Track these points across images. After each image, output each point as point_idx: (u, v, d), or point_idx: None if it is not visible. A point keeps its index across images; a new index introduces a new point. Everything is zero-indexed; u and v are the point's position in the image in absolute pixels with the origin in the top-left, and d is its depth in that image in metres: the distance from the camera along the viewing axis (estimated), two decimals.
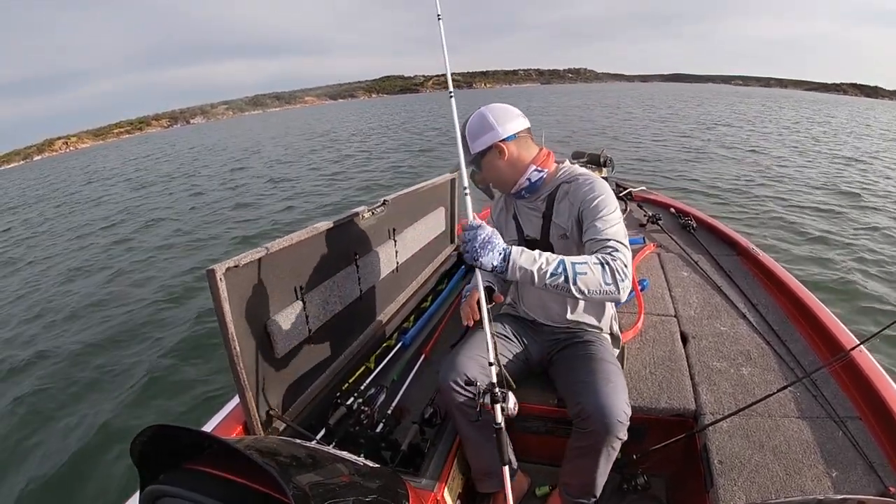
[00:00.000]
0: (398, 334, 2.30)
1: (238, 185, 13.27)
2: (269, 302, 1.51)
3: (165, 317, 5.13)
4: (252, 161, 18.80)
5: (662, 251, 3.09)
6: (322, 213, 9.03)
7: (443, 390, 1.54)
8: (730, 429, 1.60)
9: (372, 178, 12.29)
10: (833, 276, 5.15)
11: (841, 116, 30.68)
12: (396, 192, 2.25)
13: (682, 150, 14.22)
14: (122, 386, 3.90)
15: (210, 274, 1.27)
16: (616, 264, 1.34)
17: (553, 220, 1.61)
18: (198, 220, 9.67)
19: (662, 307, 2.39)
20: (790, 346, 2.04)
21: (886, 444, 1.52)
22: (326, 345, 1.83)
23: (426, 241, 2.65)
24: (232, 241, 7.83)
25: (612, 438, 1.36)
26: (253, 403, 1.45)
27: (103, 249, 8.22)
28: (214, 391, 3.67)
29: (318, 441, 1.55)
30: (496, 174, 1.61)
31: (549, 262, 1.31)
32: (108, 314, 5.38)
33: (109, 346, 4.60)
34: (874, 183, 9.92)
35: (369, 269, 2.06)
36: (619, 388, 1.42)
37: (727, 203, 8.18)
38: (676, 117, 26.28)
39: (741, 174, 10.61)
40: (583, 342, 1.67)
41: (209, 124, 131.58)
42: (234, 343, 1.35)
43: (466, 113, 1.61)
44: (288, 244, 1.54)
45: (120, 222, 10.40)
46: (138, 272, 6.74)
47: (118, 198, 14.16)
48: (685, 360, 1.96)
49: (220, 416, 1.56)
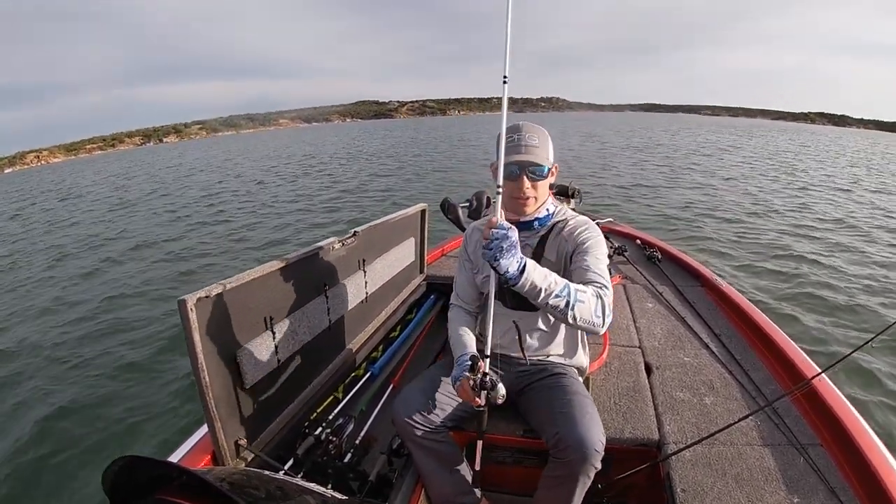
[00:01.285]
0: (367, 364, 2.30)
1: (218, 210, 12.98)
2: (239, 332, 1.52)
3: (134, 343, 5.01)
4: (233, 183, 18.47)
5: (628, 282, 3.13)
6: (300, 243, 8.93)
7: (397, 424, 1.57)
8: (693, 458, 1.62)
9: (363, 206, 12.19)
10: (795, 304, 5.27)
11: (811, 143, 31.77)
12: (367, 224, 2.27)
13: (647, 179, 14.54)
14: (91, 415, 3.81)
15: (181, 304, 1.28)
16: (607, 300, 1.42)
17: (544, 257, 1.63)
18: (178, 246, 9.46)
19: (627, 338, 2.42)
20: (752, 375, 2.07)
21: (848, 469, 1.55)
22: (295, 375, 1.83)
23: (396, 272, 2.67)
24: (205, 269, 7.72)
25: (589, 467, 1.39)
26: (221, 433, 1.45)
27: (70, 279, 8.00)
28: (183, 420, 3.61)
29: (286, 471, 1.55)
30: (544, 191, 1.60)
31: (557, 283, 1.35)
32: (73, 337, 5.25)
33: (76, 376, 4.46)
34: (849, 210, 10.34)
35: (339, 300, 2.08)
36: (595, 419, 1.45)
37: (687, 232, 8.41)
38: (651, 147, 26.89)
39: (710, 203, 10.87)
40: (553, 375, 1.69)
41: (182, 143, 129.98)
42: (204, 373, 1.35)
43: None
44: (258, 275, 1.56)
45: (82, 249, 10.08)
46: (108, 298, 6.58)
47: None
48: (649, 391, 1.99)
49: (188, 444, 1.56)
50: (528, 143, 1.51)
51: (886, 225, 9.08)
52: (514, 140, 1.51)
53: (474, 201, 2.77)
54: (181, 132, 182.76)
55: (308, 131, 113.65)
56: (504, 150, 1.48)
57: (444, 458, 1.59)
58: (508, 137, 1.51)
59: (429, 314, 2.84)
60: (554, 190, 4.33)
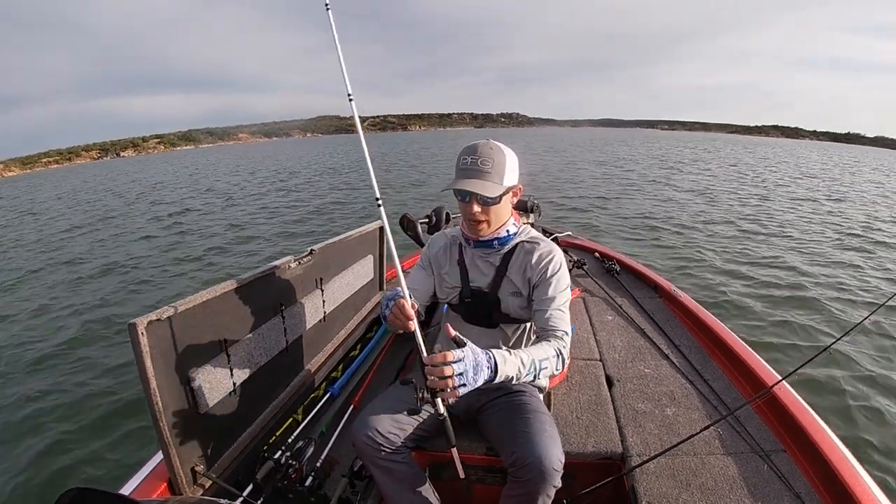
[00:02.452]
0: (326, 384, 2.27)
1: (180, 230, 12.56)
2: (193, 356, 1.49)
3: (82, 369, 4.83)
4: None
5: (588, 295, 3.17)
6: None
7: (356, 446, 1.55)
8: (656, 469, 1.64)
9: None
10: (754, 313, 5.41)
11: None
12: (324, 242, 2.26)
13: (610, 191, 14.89)
14: (38, 445, 3.65)
15: (131, 328, 1.26)
16: (564, 353, 1.49)
17: (507, 276, 1.64)
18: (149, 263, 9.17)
19: (588, 351, 2.43)
20: (713, 385, 2.11)
21: (812, 473, 1.60)
22: (252, 398, 1.80)
23: (354, 290, 2.66)
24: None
25: (549, 486, 1.40)
26: (177, 460, 1.42)
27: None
28: (136, 448, 3.49)
29: (245, 498, 1.52)
30: (498, 216, 1.58)
31: (525, 365, 1.37)
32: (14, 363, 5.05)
33: (23, 403, 4.29)
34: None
35: (296, 320, 2.05)
36: (554, 437, 1.46)
37: (648, 241, 8.64)
38: (614, 161, 27.65)
39: (672, 213, 11.23)
40: (513, 393, 1.69)
41: (139, 158, 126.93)
42: (157, 398, 1.33)
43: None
44: (211, 296, 1.53)
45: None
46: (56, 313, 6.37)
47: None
48: (611, 404, 2.01)
49: (142, 473, 1.51)
50: (481, 167, 1.48)
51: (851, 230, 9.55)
52: (467, 163, 1.50)
53: (433, 217, 2.78)
54: (139, 146, 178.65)
55: (269, 146, 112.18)
56: (455, 172, 1.51)
57: (405, 479, 1.58)
58: (462, 159, 1.51)
59: (389, 332, 2.82)
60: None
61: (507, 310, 1.65)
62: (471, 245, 1.69)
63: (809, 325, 5.12)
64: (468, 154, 1.50)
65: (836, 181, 20.18)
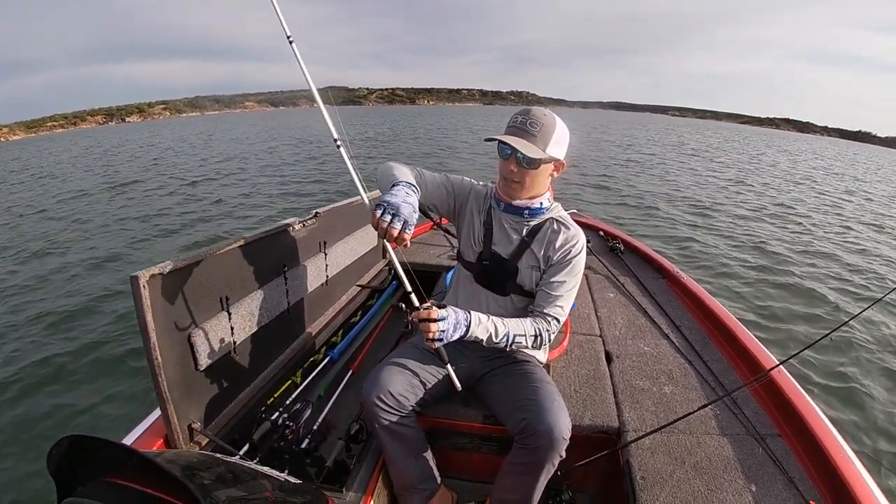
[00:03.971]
0: (326, 349, 2.27)
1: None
2: (194, 312, 1.48)
3: (83, 321, 4.88)
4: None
5: (590, 273, 3.16)
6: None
7: (366, 406, 1.54)
8: (652, 445, 1.64)
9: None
10: (755, 298, 5.46)
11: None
12: (329, 205, 2.24)
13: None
14: (40, 391, 3.70)
15: (133, 280, 1.24)
16: (544, 336, 1.53)
17: (531, 248, 1.62)
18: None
19: (588, 327, 2.43)
20: (711, 366, 2.11)
21: (805, 458, 1.61)
22: (252, 358, 1.79)
23: (357, 256, 2.65)
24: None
25: (555, 455, 1.41)
26: (174, 416, 1.42)
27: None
28: (136, 401, 3.53)
29: (241, 456, 1.52)
30: (533, 182, 1.54)
31: (497, 334, 1.46)
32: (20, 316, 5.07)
33: (25, 352, 4.32)
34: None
35: (298, 282, 2.04)
36: (562, 407, 1.47)
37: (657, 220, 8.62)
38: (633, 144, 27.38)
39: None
40: (517, 362, 1.69)
41: (145, 123, 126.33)
42: (156, 353, 1.32)
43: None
44: (215, 253, 1.52)
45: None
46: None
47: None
48: (609, 379, 2.01)
49: (141, 427, 1.51)
50: (529, 129, 1.44)
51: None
52: (516, 121, 1.47)
53: None
54: (144, 112, 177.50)
55: (276, 115, 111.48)
56: (505, 127, 1.49)
57: (409, 443, 1.58)
58: (513, 118, 1.49)
59: (390, 300, 2.82)
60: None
61: (521, 281, 1.62)
62: (500, 207, 1.66)
63: (811, 313, 5.17)
64: (521, 114, 1.48)
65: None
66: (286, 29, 1.50)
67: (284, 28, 1.51)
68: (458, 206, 1.73)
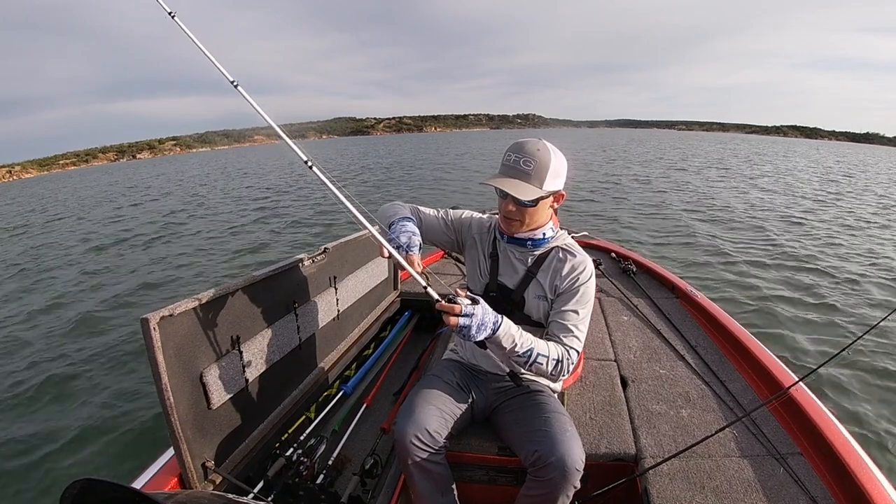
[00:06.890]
0: (339, 382, 2.27)
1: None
2: (205, 352, 1.49)
3: (96, 364, 4.89)
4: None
5: (603, 296, 3.14)
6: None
7: (401, 443, 1.50)
8: (670, 471, 1.61)
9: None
10: (772, 314, 5.33)
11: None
12: (338, 240, 2.26)
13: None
14: (56, 435, 3.70)
15: (144, 323, 1.25)
16: (565, 364, 1.47)
17: (536, 278, 1.61)
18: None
19: (602, 352, 2.40)
20: (729, 386, 2.08)
21: (829, 477, 1.57)
22: (264, 395, 1.79)
23: (369, 288, 2.65)
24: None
25: (569, 486, 1.38)
26: (188, 455, 1.42)
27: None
28: (149, 441, 3.52)
29: (255, 494, 1.52)
30: (533, 218, 1.55)
31: (522, 346, 1.40)
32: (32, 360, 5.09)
33: (41, 396, 4.34)
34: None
35: (309, 318, 2.04)
36: (575, 437, 1.45)
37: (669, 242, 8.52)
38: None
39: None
40: (530, 392, 1.67)
41: (156, 159, 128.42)
42: (168, 394, 1.32)
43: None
44: (224, 293, 1.53)
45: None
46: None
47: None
48: (625, 405, 1.98)
49: (154, 467, 1.52)
50: (522, 167, 1.44)
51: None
52: (510, 160, 1.47)
53: None
54: (155, 148, 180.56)
55: (285, 147, 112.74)
56: (499, 167, 1.50)
57: (439, 479, 1.55)
58: (507, 155, 1.49)
59: (403, 331, 2.82)
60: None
61: (529, 312, 1.62)
62: (504, 239, 1.67)
63: (828, 327, 5.05)
64: (514, 151, 1.48)
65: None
66: (227, 76, 1.55)
67: (226, 75, 1.56)
68: (458, 238, 1.75)
